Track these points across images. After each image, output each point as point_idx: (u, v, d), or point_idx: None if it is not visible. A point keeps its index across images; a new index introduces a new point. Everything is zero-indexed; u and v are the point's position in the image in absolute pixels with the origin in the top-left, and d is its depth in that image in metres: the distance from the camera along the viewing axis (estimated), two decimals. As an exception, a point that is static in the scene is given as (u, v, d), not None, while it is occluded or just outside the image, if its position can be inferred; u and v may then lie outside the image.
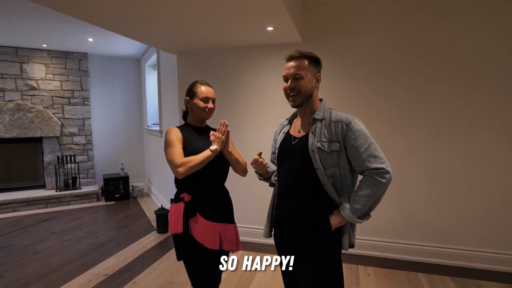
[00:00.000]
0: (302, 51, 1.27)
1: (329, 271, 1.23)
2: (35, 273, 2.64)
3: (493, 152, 2.54)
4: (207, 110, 1.58)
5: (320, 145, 1.22)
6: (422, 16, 2.61)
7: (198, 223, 1.51)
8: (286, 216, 1.33)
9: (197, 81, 1.64)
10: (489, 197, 2.57)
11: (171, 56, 3.66)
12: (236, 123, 3.25)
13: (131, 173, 5.70)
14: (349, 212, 1.20)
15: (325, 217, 1.24)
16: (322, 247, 1.23)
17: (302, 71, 1.24)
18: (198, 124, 1.65)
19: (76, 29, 3.91)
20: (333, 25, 2.86)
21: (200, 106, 1.57)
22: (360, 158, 1.20)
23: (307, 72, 1.25)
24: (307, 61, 1.26)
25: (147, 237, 3.45)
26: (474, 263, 2.62)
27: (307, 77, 1.25)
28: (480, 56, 2.50)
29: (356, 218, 1.20)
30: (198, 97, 1.58)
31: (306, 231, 1.25)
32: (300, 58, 1.26)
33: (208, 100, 1.58)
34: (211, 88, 1.63)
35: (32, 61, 4.85)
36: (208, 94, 1.59)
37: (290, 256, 1.34)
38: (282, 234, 1.37)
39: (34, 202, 4.60)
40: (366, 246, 2.88)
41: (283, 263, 1.38)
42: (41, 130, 4.84)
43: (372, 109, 2.80)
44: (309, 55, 1.27)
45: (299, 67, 1.25)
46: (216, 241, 1.52)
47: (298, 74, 1.25)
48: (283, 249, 1.39)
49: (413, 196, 2.75)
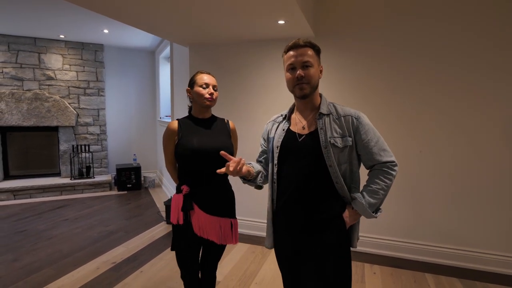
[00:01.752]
0: (306, 39, 1.22)
1: (342, 268, 1.20)
2: (48, 258, 2.74)
3: (506, 152, 2.44)
4: (207, 96, 1.55)
5: (334, 141, 1.17)
6: (439, 10, 2.51)
7: (197, 216, 1.52)
8: (294, 219, 1.24)
9: (198, 71, 1.64)
10: (502, 198, 2.48)
11: (184, 49, 3.68)
12: (244, 116, 3.25)
13: (144, 163, 5.81)
14: (365, 207, 1.17)
15: (339, 215, 1.21)
16: (337, 246, 1.19)
17: (311, 58, 1.19)
18: (201, 116, 1.62)
19: (92, 21, 3.98)
20: (346, 18, 2.79)
21: (200, 92, 1.55)
22: (372, 152, 1.19)
23: (314, 61, 1.20)
24: (313, 50, 1.21)
25: (156, 227, 3.51)
26: (484, 266, 2.55)
27: (315, 66, 1.21)
28: (495, 54, 2.40)
29: (372, 212, 1.18)
30: (197, 84, 1.57)
31: (319, 232, 1.20)
32: (305, 46, 1.20)
33: (207, 86, 1.56)
34: (212, 76, 1.61)
35: (50, 51, 4.97)
36: (207, 80, 1.57)
37: (296, 266, 1.26)
38: (289, 240, 1.26)
39: (49, 189, 4.76)
40: (373, 244, 2.85)
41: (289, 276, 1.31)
42: (57, 119, 4.97)
43: (387, 106, 2.74)
44: (314, 44, 1.23)
45: (307, 55, 1.19)
46: (216, 234, 1.53)
47: (308, 62, 1.18)
48: (288, 258, 1.28)
49: (424, 195, 2.69)
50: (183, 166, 1.56)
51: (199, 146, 1.51)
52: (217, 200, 1.56)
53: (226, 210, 1.60)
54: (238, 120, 3.24)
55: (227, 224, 1.57)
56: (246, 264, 2.67)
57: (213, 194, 1.56)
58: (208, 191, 1.55)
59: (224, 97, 3.30)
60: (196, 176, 1.53)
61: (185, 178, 1.56)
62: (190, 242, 1.54)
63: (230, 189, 1.66)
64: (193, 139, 1.52)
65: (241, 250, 2.94)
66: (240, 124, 3.24)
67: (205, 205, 1.53)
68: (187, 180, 1.54)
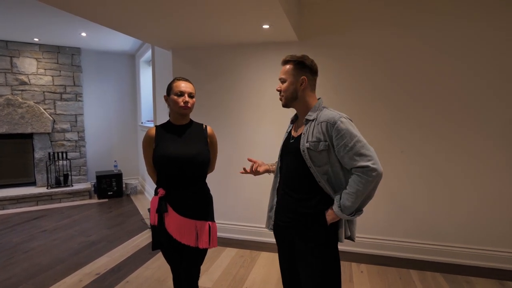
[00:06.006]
0: (290, 56, 1.38)
1: (327, 263, 1.31)
2: (25, 273, 2.60)
3: (481, 151, 2.57)
4: (181, 104, 1.55)
5: (309, 145, 1.29)
6: (417, 14, 2.62)
7: (172, 218, 1.55)
8: (286, 210, 1.39)
9: (176, 77, 1.64)
10: (478, 195, 2.61)
11: (166, 53, 3.62)
12: (230, 120, 3.24)
13: (125, 170, 5.64)
14: (338, 209, 1.25)
15: (322, 212, 1.31)
16: (322, 240, 1.30)
17: (285, 75, 1.37)
18: (178, 122, 1.64)
19: (69, 24, 3.84)
20: (329, 23, 2.85)
21: (175, 100, 1.56)
22: (346, 157, 1.24)
23: (289, 76, 1.36)
24: (291, 65, 1.37)
25: (140, 235, 3.42)
26: (464, 260, 2.66)
27: (289, 80, 1.36)
28: (474, 57, 2.53)
29: (347, 215, 1.25)
30: (173, 92, 1.58)
31: (306, 225, 1.32)
32: (285, 63, 1.39)
33: (183, 94, 1.56)
34: (189, 83, 1.61)
35: (23, 55, 4.75)
36: (183, 88, 1.57)
37: (289, 250, 1.41)
38: (282, 228, 1.43)
39: (24, 200, 4.52)
40: (359, 244, 2.90)
41: (282, 256, 1.47)
42: (31, 126, 4.75)
43: (367, 107, 2.81)
44: (293, 59, 1.36)
45: (283, 71, 1.38)
46: (191, 237, 1.55)
47: (282, 78, 1.39)
48: (282, 243, 1.46)
49: (405, 194, 2.78)
50: (160, 171, 1.60)
51: (174, 153, 1.54)
52: (193, 203, 1.59)
53: (203, 213, 1.62)
54: (222, 124, 3.22)
55: (204, 227, 1.59)
56: (236, 269, 2.64)
57: (189, 198, 1.58)
58: (184, 195, 1.57)
59: (209, 102, 3.28)
60: (173, 180, 1.57)
61: (163, 181, 1.60)
62: (166, 244, 1.59)
63: (208, 193, 1.69)
64: (168, 146, 1.56)
65: (229, 255, 2.91)
66: (224, 128, 3.23)
67: (180, 207, 1.56)
68: (164, 184, 1.59)
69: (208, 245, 1.60)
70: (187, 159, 1.54)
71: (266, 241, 3.16)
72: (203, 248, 1.59)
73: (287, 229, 1.39)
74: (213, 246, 1.63)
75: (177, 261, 1.64)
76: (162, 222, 1.57)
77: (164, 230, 1.57)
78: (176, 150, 1.55)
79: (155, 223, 1.58)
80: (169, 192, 1.57)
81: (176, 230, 1.55)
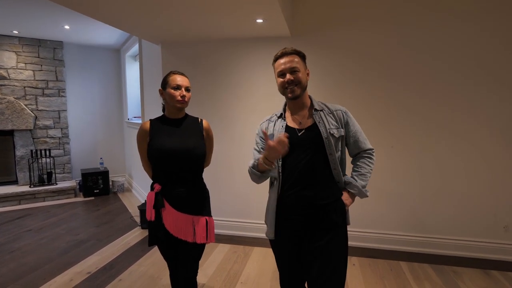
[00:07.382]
0: (292, 48, 1.39)
1: (345, 246, 1.39)
2: (12, 273, 2.51)
3: (466, 146, 2.67)
4: (179, 98, 1.55)
5: (332, 131, 1.34)
6: (411, 9, 2.67)
7: (169, 213, 1.55)
8: (297, 206, 1.34)
9: (171, 71, 1.62)
10: (462, 189, 2.71)
11: (155, 47, 3.55)
12: (222, 115, 3.21)
13: (111, 167, 5.52)
14: (360, 188, 1.37)
15: (339, 199, 1.37)
16: (341, 225, 1.37)
17: (298, 64, 1.36)
18: (173, 116, 1.63)
19: (51, 15, 3.69)
20: (321, 19, 2.87)
21: (172, 94, 1.55)
22: (359, 141, 1.40)
23: (301, 66, 1.37)
24: (298, 57, 1.38)
25: (130, 233, 3.36)
26: (450, 251, 2.76)
27: (302, 70, 1.36)
28: (467, 53, 2.61)
29: (366, 193, 1.38)
30: (170, 86, 1.56)
31: (321, 215, 1.33)
32: (292, 54, 1.37)
33: (179, 88, 1.56)
34: (185, 77, 1.61)
35: (1, 48, 4.54)
36: (179, 82, 1.56)
37: (297, 248, 1.38)
38: (290, 225, 1.36)
39: (5, 199, 4.35)
40: (350, 237, 2.93)
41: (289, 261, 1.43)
42: (12, 122, 4.56)
43: (359, 102, 2.85)
44: (299, 51, 1.39)
45: (292, 61, 1.35)
46: (189, 232, 1.55)
47: (295, 67, 1.34)
48: (289, 243, 1.38)
49: (393, 188, 2.85)
50: (156, 165, 1.58)
51: (169, 148, 1.52)
52: (189, 199, 1.58)
53: (199, 208, 1.61)
54: (215, 119, 3.19)
55: (201, 222, 1.59)
56: (230, 264, 2.64)
57: (185, 193, 1.57)
58: (181, 190, 1.56)
59: (201, 96, 3.24)
60: (169, 175, 1.56)
61: (158, 176, 1.58)
62: (163, 239, 1.58)
63: (204, 188, 1.69)
64: (164, 140, 1.55)
65: (222, 250, 2.90)
66: (217, 123, 3.20)
67: (176, 203, 1.55)
68: (160, 179, 1.57)
69: (205, 240, 1.60)
70: (184, 153, 1.53)
71: (258, 236, 3.17)
72: (200, 243, 1.59)
73: (298, 224, 1.34)
74: (210, 241, 1.63)
75: (175, 257, 1.63)
76: (160, 217, 1.55)
77: (161, 226, 1.55)
78: (172, 144, 1.53)
79: (152, 218, 1.56)
80: (165, 187, 1.55)
81: (172, 225, 1.54)
